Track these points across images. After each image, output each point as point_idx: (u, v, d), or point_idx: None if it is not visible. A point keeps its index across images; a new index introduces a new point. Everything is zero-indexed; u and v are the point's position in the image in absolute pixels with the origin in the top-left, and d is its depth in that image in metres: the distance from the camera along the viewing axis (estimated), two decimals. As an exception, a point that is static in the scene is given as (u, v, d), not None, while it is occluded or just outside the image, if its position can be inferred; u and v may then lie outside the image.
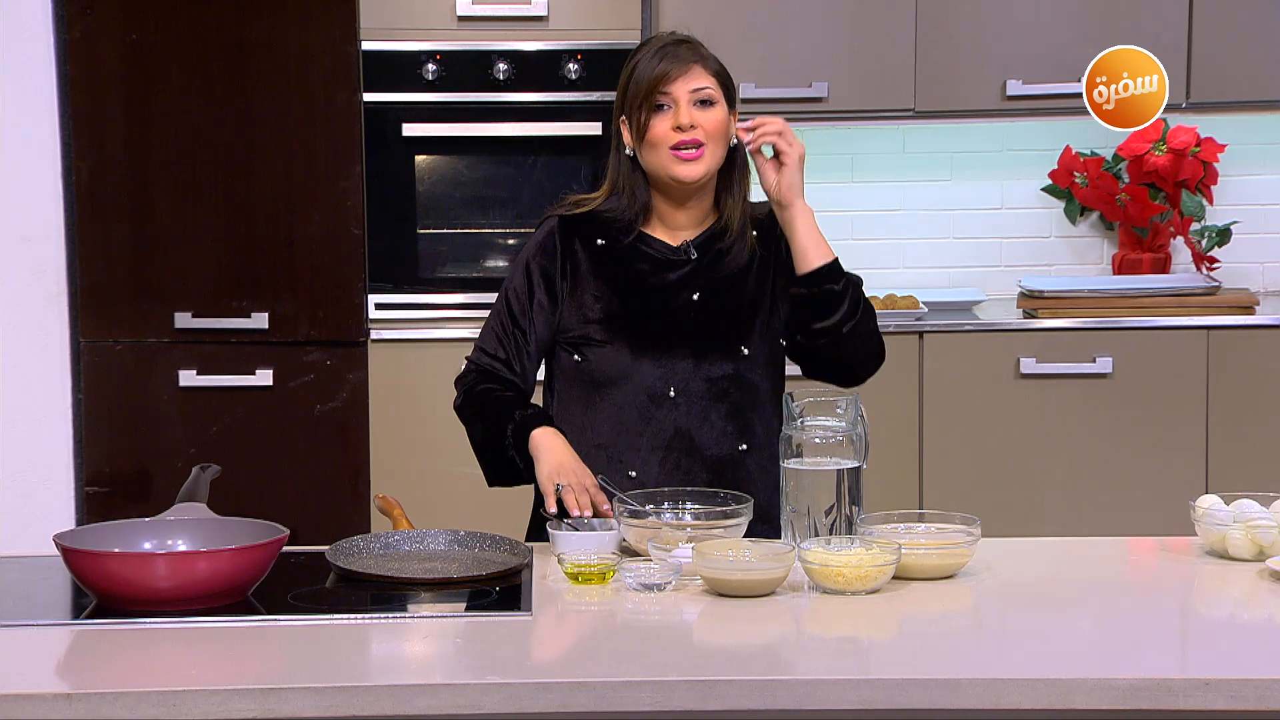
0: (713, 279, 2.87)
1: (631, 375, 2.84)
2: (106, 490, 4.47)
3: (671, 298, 2.87)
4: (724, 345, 2.86)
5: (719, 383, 2.85)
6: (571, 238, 2.89)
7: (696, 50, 2.86)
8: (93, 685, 2.10)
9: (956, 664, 2.20)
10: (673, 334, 2.85)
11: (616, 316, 2.85)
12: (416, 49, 4.45)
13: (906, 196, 5.00)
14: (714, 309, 2.87)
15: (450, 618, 2.36)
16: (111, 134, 4.42)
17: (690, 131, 2.80)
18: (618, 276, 2.87)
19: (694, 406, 2.84)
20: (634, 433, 2.84)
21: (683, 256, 2.89)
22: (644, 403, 2.84)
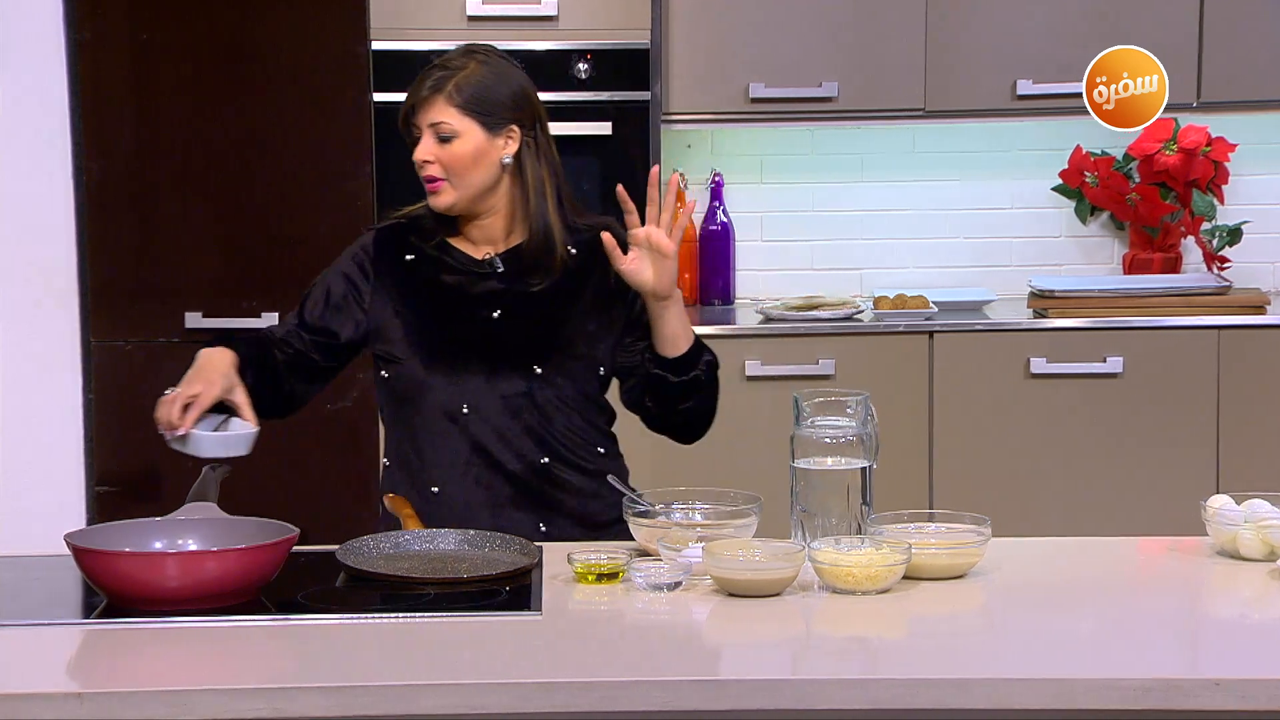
0: (515, 297, 2.85)
1: (426, 392, 2.83)
2: (116, 490, 4.48)
3: (470, 313, 2.85)
4: (516, 363, 2.83)
5: (513, 400, 2.82)
6: (382, 253, 2.89)
7: (447, 80, 2.81)
8: (103, 685, 2.11)
9: (966, 664, 2.20)
10: (466, 351, 2.83)
11: (413, 332, 2.84)
12: (426, 49, 4.44)
13: (916, 196, 4.99)
14: (511, 326, 2.85)
15: (459, 617, 2.36)
16: (121, 134, 4.43)
17: (427, 168, 2.82)
18: (420, 292, 2.86)
19: (488, 423, 2.82)
20: (433, 448, 2.83)
21: (486, 269, 2.87)
22: (440, 419, 2.82)
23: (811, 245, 5.00)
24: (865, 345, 4.54)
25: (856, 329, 4.57)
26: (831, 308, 4.64)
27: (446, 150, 2.81)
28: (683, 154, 4.92)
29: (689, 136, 4.92)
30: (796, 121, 4.75)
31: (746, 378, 4.51)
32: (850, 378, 4.43)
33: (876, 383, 4.09)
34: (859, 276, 5.00)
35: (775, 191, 4.99)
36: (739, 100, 4.63)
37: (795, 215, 4.99)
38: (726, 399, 4.54)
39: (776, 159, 4.98)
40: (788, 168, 4.98)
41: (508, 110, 2.85)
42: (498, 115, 2.84)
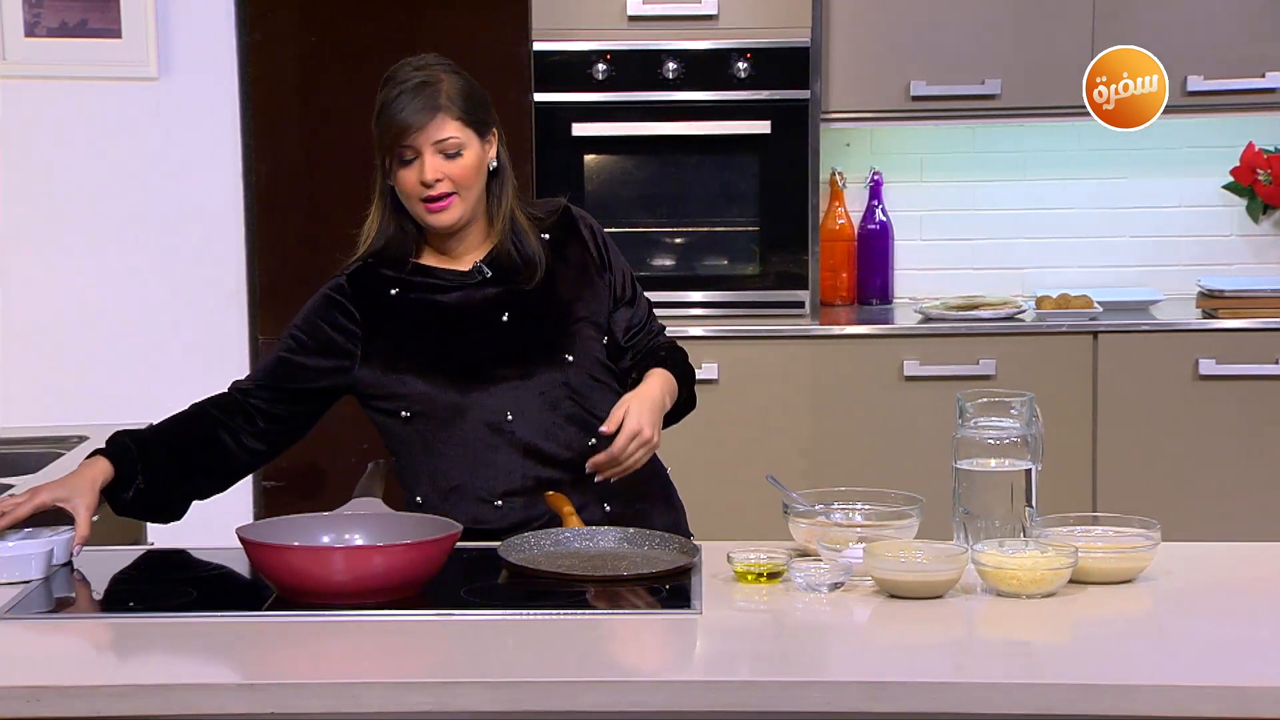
0: (516, 295, 2.83)
1: (466, 412, 2.79)
2: (282, 485, 4.56)
3: (480, 323, 2.82)
4: (547, 358, 2.81)
5: (551, 394, 2.80)
6: (361, 295, 2.84)
7: (439, 93, 2.76)
8: (272, 676, 2.15)
9: (1134, 669, 2.16)
10: (493, 360, 2.80)
11: (432, 359, 2.79)
12: (587, 49, 4.47)
13: (1081, 194, 4.92)
14: (526, 324, 2.82)
15: (619, 615, 2.37)
16: (289, 134, 4.51)
17: (437, 185, 2.76)
18: (421, 320, 2.82)
19: (533, 423, 2.80)
20: (485, 464, 2.79)
21: (476, 279, 2.84)
22: (484, 435, 2.79)
23: (972, 244, 4.95)
24: (1027, 346, 4.48)
25: (1018, 329, 4.52)
26: (992, 307, 4.59)
27: (456, 165, 2.77)
28: (841, 152, 4.90)
29: (848, 135, 4.89)
30: (958, 120, 4.70)
31: (905, 378, 4.47)
32: (1011, 378, 4.38)
33: (1038, 384, 4.03)
34: (1021, 276, 4.94)
35: (935, 190, 4.94)
36: (899, 98, 4.59)
37: (956, 214, 4.94)
38: (885, 398, 4.53)
39: (937, 157, 4.93)
40: (948, 166, 4.93)
41: (488, 114, 2.84)
42: (484, 121, 2.82)
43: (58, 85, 4.44)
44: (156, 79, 4.44)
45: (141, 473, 2.70)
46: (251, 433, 2.79)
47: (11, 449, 3.36)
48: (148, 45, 4.40)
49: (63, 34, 4.41)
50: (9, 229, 4.46)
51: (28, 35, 4.38)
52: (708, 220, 4.56)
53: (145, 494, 2.71)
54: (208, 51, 4.46)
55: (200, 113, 4.48)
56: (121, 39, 4.40)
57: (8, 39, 4.37)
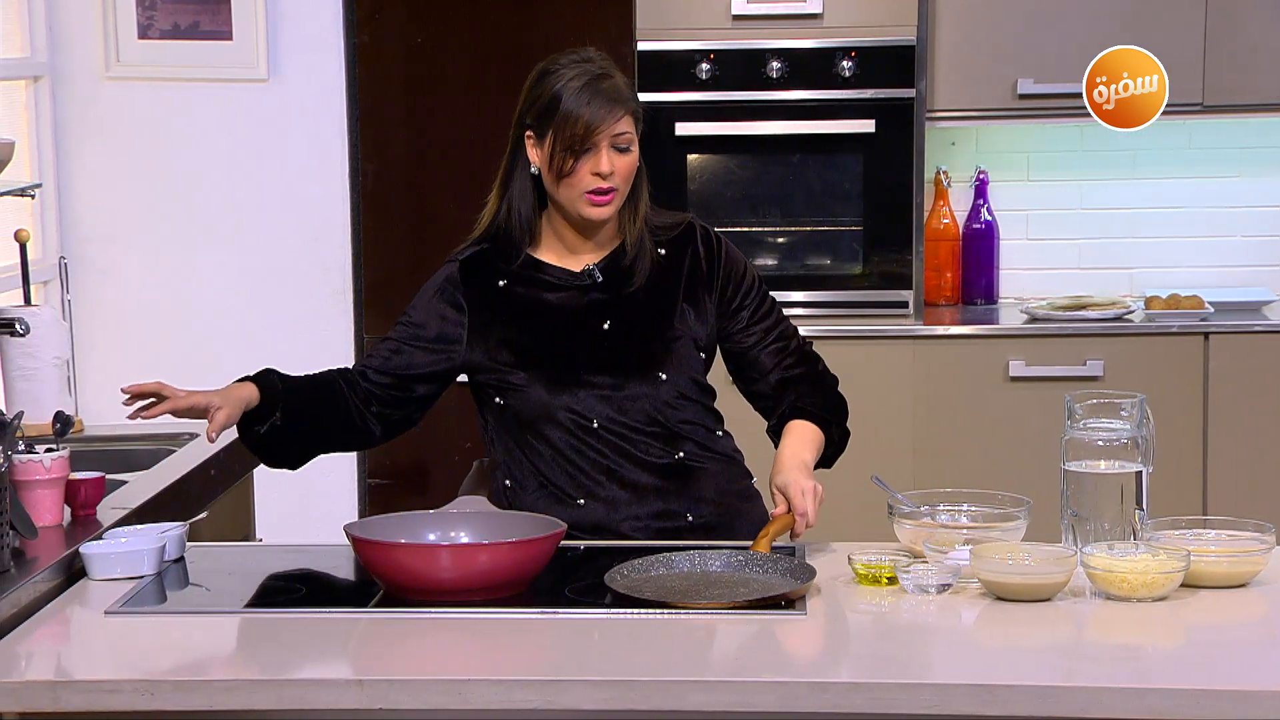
0: (620, 304, 2.81)
1: (554, 413, 2.78)
2: (388, 482, 4.60)
3: (580, 328, 2.81)
4: (640, 371, 2.80)
5: (641, 404, 2.79)
6: (472, 283, 2.85)
7: (618, 88, 2.77)
8: (381, 672, 2.16)
9: (1249, 675, 2.13)
10: (588, 366, 2.79)
11: (529, 356, 2.79)
12: (691, 48, 4.47)
13: (1191, 193, 4.85)
14: (625, 335, 2.81)
15: (726, 615, 2.36)
16: (395, 135, 4.55)
17: (608, 179, 2.75)
18: (524, 315, 2.82)
19: (622, 431, 2.78)
20: (571, 466, 2.78)
21: (586, 281, 2.83)
22: (571, 439, 2.78)
23: (1079, 244, 4.90)
24: (1136, 346, 4.43)
25: (1127, 330, 4.46)
26: (1100, 308, 4.54)
27: (625, 160, 2.78)
28: (946, 151, 4.86)
29: (953, 134, 4.85)
30: (1066, 118, 4.65)
31: (1010, 378, 4.43)
32: (1120, 380, 4.33)
33: (1148, 385, 3.98)
34: (1129, 276, 4.88)
35: (1042, 189, 4.90)
36: (1006, 97, 4.55)
37: (1062, 213, 4.89)
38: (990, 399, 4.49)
39: (1043, 156, 4.88)
40: (1055, 165, 4.88)
41: (643, 114, 2.85)
42: (642, 119, 2.83)
43: (170, 86, 4.51)
44: (266, 80, 4.49)
45: (281, 411, 2.74)
46: (370, 414, 2.83)
47: (126, 445, 3.42)
48: (258, 47, 4.46)
49: (175, 36, 4.47)
50: (121, 228, 4.53)
51: (141, 37, 4.45)
52: (811, 220, 4.55)
53: (278, 432, 2.75)
54: (316, 53, 4.51)
55: (309, 113, 4.53)
56: (232, 41, 4.46)
57: (121, 41, 4.45)
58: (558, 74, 2.79)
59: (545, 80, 2.80)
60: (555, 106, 2.77)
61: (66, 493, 2.71)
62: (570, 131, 2.75)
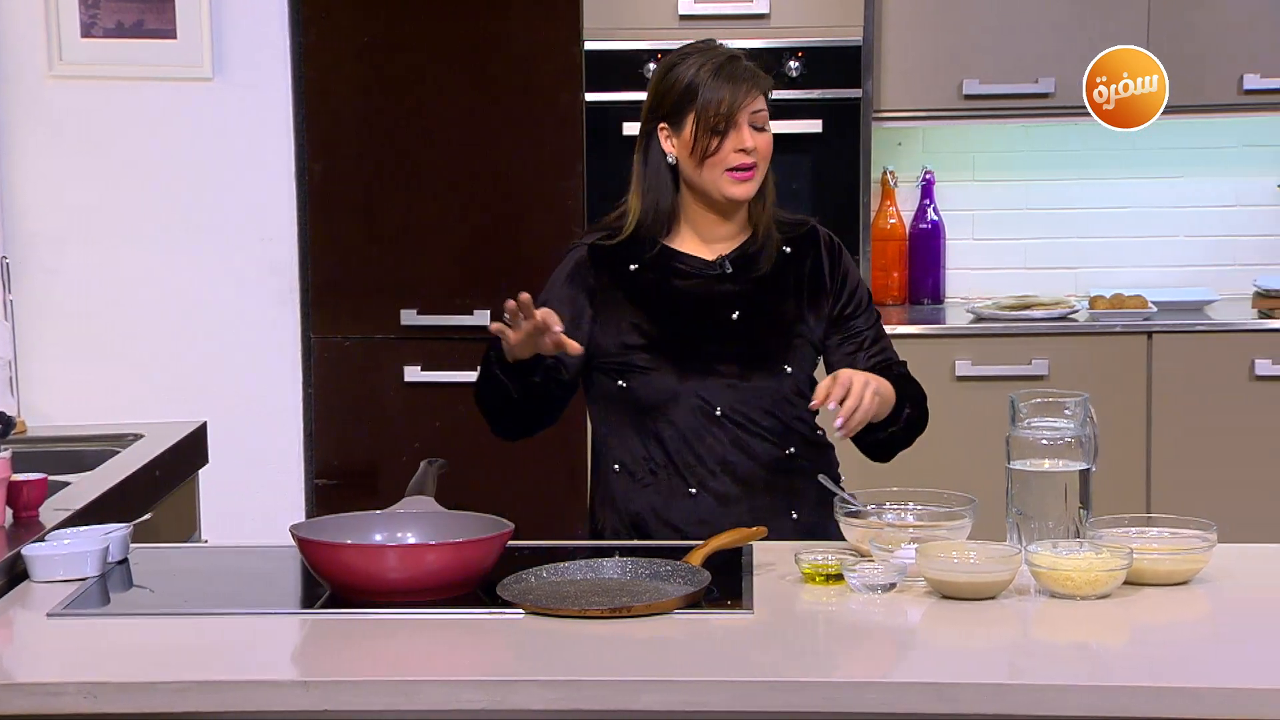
0: (749, 296, 2.86)
1: (680, 398, 2.83)
2: (335, 483, 4.58)
3: (711, 316, 2.85)
4: (768, 365, 2.85)
5: (764, 397, 2.84)
6: (601, 267, 2.88)
7: (754, 70, 2.83)
8: (328, 673, 2.15)
9: (1195, 672, 2.14)
10: (716, 354, 2.84)
11: (659, 341, 2.84)
12: (638, 48, 4.47)
13: (1135, 193, 4.89)
14: (752, 328, 2.85)
15: (674, 615, 2.36)
16: (344, 135, 4.53)
17: (749, 156, 2.80)
18: (655, 300, 2.86)
19: (744, 422, 2.83)
20: (689, 453, 2.83)
21: (718, 271, 2.87)
22: (694, 423, 2.83)
23: (1025, 244, 4.93)
24: (1081, 346, 4.46)
25: (1071, 329, 4.49)
26: (1045, 307, 4.57)
27: (763, 138, 2.83)
28: (893, 151, 4.88)
29: (900, 134, 4.87)
30: (1011, 118, 4.68)
31: (956, 378, 4.46)
32: (1064, 379, 4.36)
33: (1092, 384, 4.00)
34: (1074, 276, 4.91)
35: (988, 189, 4.92)
36: (952, 97, 4.57)
37: (1008, 213, 4.92)
38: (936, 398, 4.50)
39: (989, 156, 4.91)
40: (1001, 165, 4.91)
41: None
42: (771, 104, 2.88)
43: (113, 86, 4.47)
44: (211, 79, 4.46)
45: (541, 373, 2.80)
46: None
47: (69, 446, 3.39)
48: (203, 46, 4.43)
49: (118, 35, 4.44)
50: (66, 228, 4.49)
51: (84, 36, 4.41)
52: (758, 219, 4.55)
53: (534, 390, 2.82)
54: (262, 52, 4.48)
55: (255, 112, 4.50)
56: (177, 39, 4.42)
57: (64, 40, 4.40)
58: (686, 64, 2.85)
59: (674, 72, 2.85)
60: (692, 93, 2.82)
61: (9, 494, 2.69)
62: (714, 112, 2.80)
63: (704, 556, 2.54)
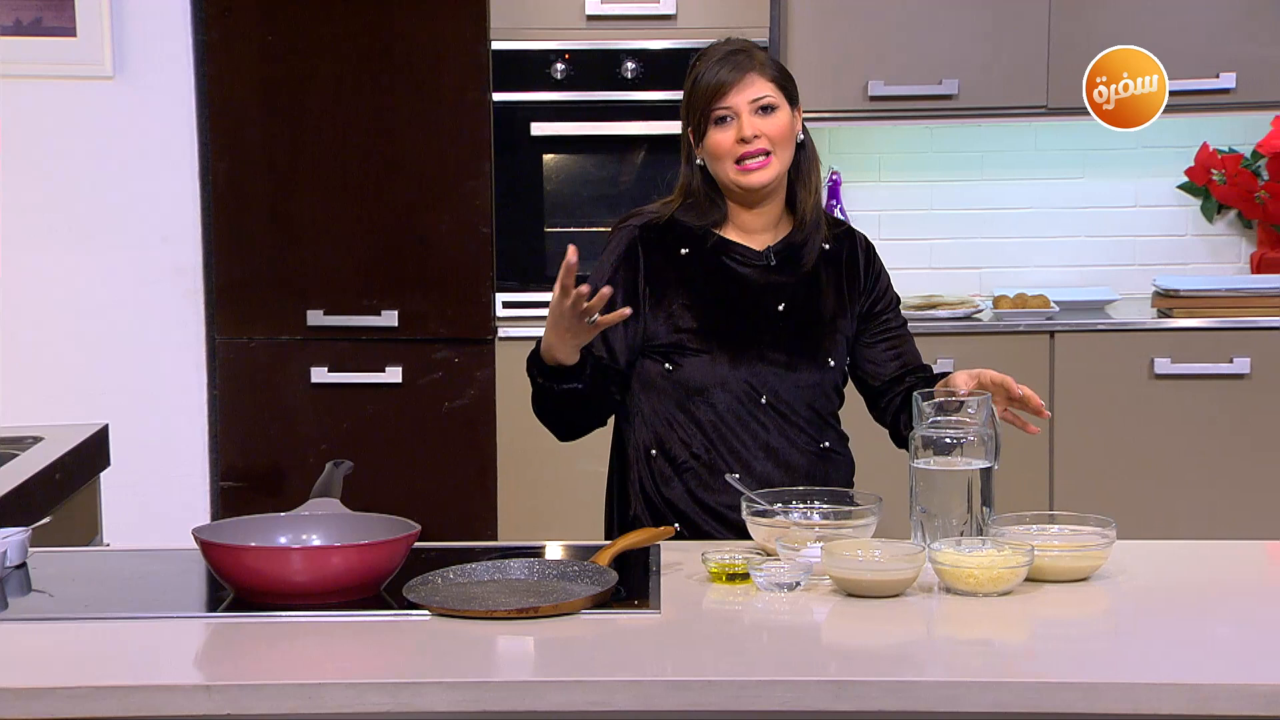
0: (794, 289, 2.89)
1: (726, 383, 2.85)
2: (241, 485, 4.54)
3: (759, 305, 2.88)
4: (813, 356, 2.88)
5: (807, 391, 2.88)
6: (653, 247, 2.89)
7: (752, 58, 2.85)
8: (231, 677, 2.13)
9: (1093, 667, 2.17)
10: (765, 342, 2.86)
11: (709, 325, 2.86)
12: (546, 48, 4.47)
13: (1038, 194, 4.94)
14: (798, 319, 2.89)
15: (581, 615, 2.36)
16: (248, 133, 4.49)
17: (755, 142, 2.81)
18: (706, 284, 2.88)
19: (785, 412, 2.87)
20: (731, 438, 2.86)
21: (765, 262, 2.90)
22: (739, 409, 2.86)
23: (930, 244, 4.97)
24: (985, 345, 4.51)
25: (976, 329, 4.54)
26: (950, 307, 4.61)
27: (771, 121, 2.83)
28: (800, 152, 4.90)
29: (807, 135, 4.89)
30: (916, 120, 4.72)
31: (864, 377, 4.48)
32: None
33: (996, 383, 4.04)
34: (978, 276, 4.96)
35: (893, 190, 4.96)
36: (857, 98, 4.61)
37: (913, 214, 4.96)
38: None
39: (895, 157, 4.95)
40: (906, 166, 4.95)
41: (795, 88, 2.90)
42: (792, 90, 2.88)
43: (11, 84, 4.41)
44: (112, 78, 4.41)
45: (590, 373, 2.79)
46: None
47: (-34, 449, 3.34)
48: (103, 44, 4.38)
49: (16, 32, 4.38)
50: (-37, 228, 4.43)
51: (-18, 33, 4.35)
52: (667, 220, 4.56)
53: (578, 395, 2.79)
54: (164, 50, 4.44)
55: (157, 111, 4.46)
56: (76, 37, 4.37)
57: (-39, 36, 4.34)
58: (700, 60, 2.87)
59: (691, 71, 2.88)
60: (693, 85, 2.85)
61: (-95, 499, 2.64)
62: (703, 100, 2.82)
63: (611, 556, 2.54)
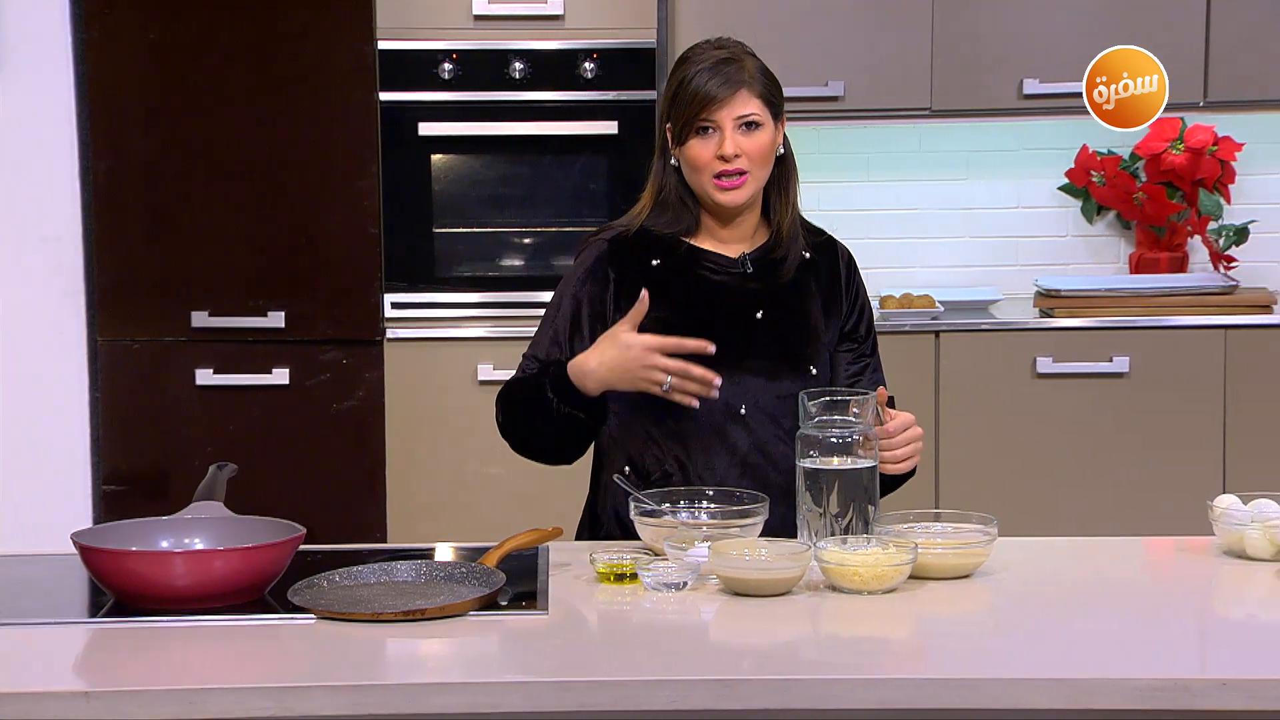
0: (773, 295, 2.85)
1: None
2: (124, 489, 4.48)
3: (736, 313, 2.83)
4: (794, 364, 2.83)
5: (787, 400, 2.80)
6: (622, 261, 2.84)
7: (743, 69, 2.80)
8: (111, 683, 2.11)
9: (975, 664, 2.20)
10: (743, 351, 2.80)
11: (682, 335, 2.77)
12: (433, 48, 4.45)
13: (922, 196, 4.99)
14: (776, 326, 2.84)
15: (468, 617, 2.35)
16: (130, 133, 4.43)
17: (734, 161, 2.77)
18: (679, 295, 2.82)
19: (767, 422, 2.81)
20: (711, 451, 2.80)
21: (740, 270, 2.85)
22: (718, 421, 2.79)
23: (817, 245, 5.00)
24: (871, 345, 4.53)
25: (862, 328, 4.57)
26: (837, 307, 4.64)
27: (753, 142, 2.78)
28: (689, 153, 4.92)
29: (695, 136, 4.90)
30: (802, 121, 4.73)
31: (752, 377, 4.50)
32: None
33: (883, 382, 4.08)
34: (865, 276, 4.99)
35: (781, 191, 4.98)
36: (745, 99, 4.62)
37: (801, 214, 4.98)
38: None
39: (782, 158, 4.97)
40: (793, 167, 4.97)
41: (781, 98, 2.86)
42: (779, 104, 2.84)
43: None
44: (-11, 75, 4.34)
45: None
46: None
47: None
48: (-19, 40, 4.31)
49: (-109, 28, 4.29)
50: None
51: None
52: (557, 221, 4.56)
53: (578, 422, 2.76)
54: (42, 48, 4.37)
55: (35, 110, 4.39)
56: (-47, 33, 4.30)
57: None
58: (690, 61, 2.82)
59: (679, 69, 2.82)
60: (679, 89, 2.79)
61: None
62: (689, 111, 2.77)
63: (499, 558, 2.53)
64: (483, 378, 4.45)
